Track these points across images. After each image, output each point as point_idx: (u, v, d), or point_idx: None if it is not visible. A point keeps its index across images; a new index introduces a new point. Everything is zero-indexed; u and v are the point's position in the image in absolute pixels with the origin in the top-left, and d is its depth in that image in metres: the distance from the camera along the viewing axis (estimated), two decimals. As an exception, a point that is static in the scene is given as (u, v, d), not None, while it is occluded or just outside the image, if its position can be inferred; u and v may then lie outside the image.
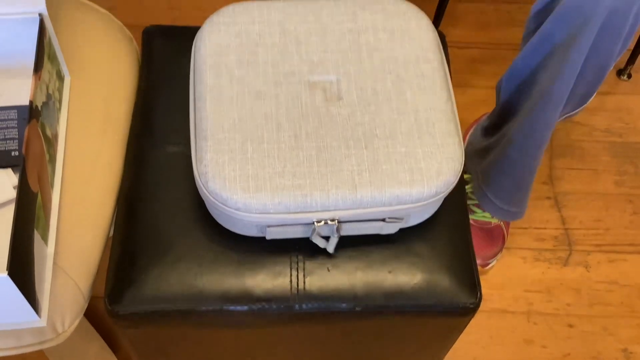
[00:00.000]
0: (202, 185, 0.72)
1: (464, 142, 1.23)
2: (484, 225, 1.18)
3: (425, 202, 0.73)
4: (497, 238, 1.18)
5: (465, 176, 1.19)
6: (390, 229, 0.76)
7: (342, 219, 0.73)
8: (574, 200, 1.28)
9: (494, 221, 1.18)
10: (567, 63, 0.84)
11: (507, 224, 1.21)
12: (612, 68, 0.89)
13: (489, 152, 1.06)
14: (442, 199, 0.75)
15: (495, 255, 1.18)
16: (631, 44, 1.41)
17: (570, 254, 1.23)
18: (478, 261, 1.16)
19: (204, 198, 0.74)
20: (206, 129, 0.73)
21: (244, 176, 0.70)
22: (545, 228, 1.25)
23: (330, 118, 0.74)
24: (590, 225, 1.26)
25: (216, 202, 0.71)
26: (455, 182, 0.73)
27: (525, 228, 1.24)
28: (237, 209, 0.70)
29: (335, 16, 0.81)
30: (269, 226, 0.73)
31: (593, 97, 0.95)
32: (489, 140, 1.07)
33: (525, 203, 1.12)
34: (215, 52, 0.78)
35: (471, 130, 1.24)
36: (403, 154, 0.72)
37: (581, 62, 0.83)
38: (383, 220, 0.75)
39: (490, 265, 1.19)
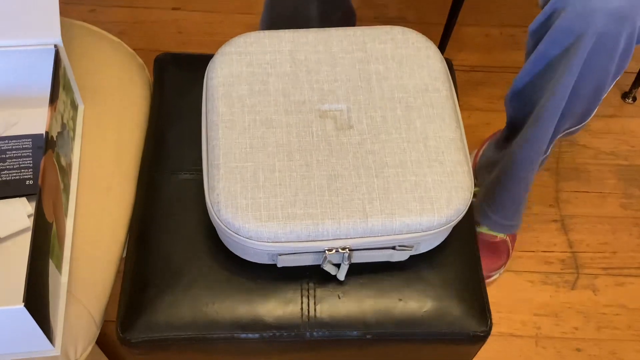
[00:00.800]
0: (214, 214, 0.72)
1: (477, 157, 1.25)
2: (490, 239, 1.18)
3: (435, 231, 0.73)
4: (502, 252, 1.19)
5: (475, 189, 1.21)
6: (401, 256, 0.77)
7: (353, 247, 0.73)
8: (580, 224, 1.29)
9: (500, 236, 1.18)
10: (559, 82, 0.86)
11: (513, 239, 1.22)
12: (611, 87, 0.91)
13: (495, 166, 1.08)
14: (452, 227, 0.76)
15: (498, 268, 1.19)
16: (636, 67, 1.42)
17: (577, 278, 1.23)
18: None
19: (216, 226, 0.74)
20: (218, 158, 0.74)
21: (255, 205, 0.71)
22: (552, 251, 1.25)
23: (341, 146, 0.75)
24: (597, 248, 1.26)
25: (228, 230, 0.72)
26: (465, 210, 0.74)
27: (533, 251, 1.25)
28: (249, 238, 0.71)
29: (345, 46, 0.82)
30: (280, 254, 0.74)
31: (593, 114, 0.96)
32: (497, 155, 1.08)
33: (519, 216, 1.13)
34: (227, 82, 0.79)
35: (485, 145, 1.26)
36: (413, 183, 0.73)
37: (573, 82, 0.85)
38: (393, 248, 0.75)
39: (492, 278, 1.19)
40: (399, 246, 0.75)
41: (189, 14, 1.50)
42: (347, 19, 1.18)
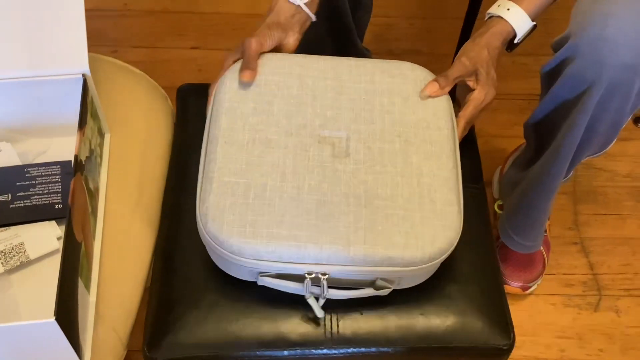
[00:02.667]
0: (201, 226, 0.73)
1: (502, 172, 1.27)
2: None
3: (417, 267, 0.72)
4: (537, 262, 1.20)
5: (499, 202, 1.23)
6: (381, 293, 0.76)
7: (333, 275, 0.73)
8: (600, 246, 1.28)
9: None
10: (573, 122, 0.87)
11: (548, 248, 1.23)
12: (629, 119, 0.91)
13: (516, 186, 1.10)
14: (437, 266, 0.75)
15: (536, 279, 1.19)
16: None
17: (600, 299, 1.22)
18: (519, 284, 1.18)
19: (202, 238, 0.74)
20: (213, 171, 0.75)
21: (242, 221, 0.71)
22: (573, 274, 1.25)
23: (334, 173, 0.75)
24: (619, 270, 1.26)
25: (213, 243, 0.72)
26: (450, 250, 0.73)
27: (554, 274, 1.24)
28: (232, 252, 0.72)
29: (354, 76, 0.83)
30: (261, 273, 0.74)
31: (613, 143, 0.98)
32: (519, 175, 1.10)
33: (539, 238, 1.15)
34: (233, 98, 0.80)
35: (509, 161, 1.27)
36: (401, 217, 0.73)
37: (586, 121, 0.86)
38: (373, 283, 0.75)
39: (530, 289, 1.19)
40: (381, 279, 0.74)
41: (208, 52, 1.55)
42: None
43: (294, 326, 0.78)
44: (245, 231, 0.71)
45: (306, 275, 0.72)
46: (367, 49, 1.22)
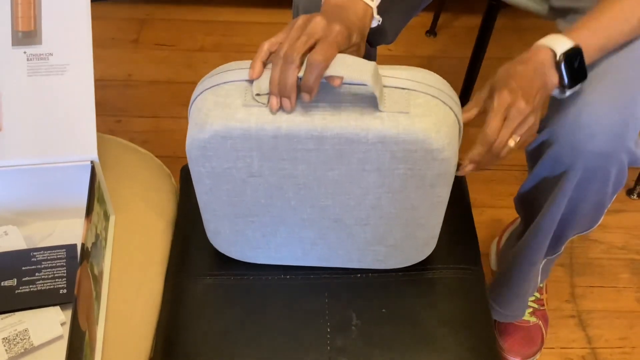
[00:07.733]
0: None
1: (499, 244, 1.29)
2: (522, 323, 1.20)
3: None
4: (535, 337, 1.20)
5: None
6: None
7: None
8: (598, 319, 1.29)
9: (532, 320, 1.20)
10: (552, 201, 0.89)
11: (546, 322, 1.23)
12: (616, 195, 0.93)
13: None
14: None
15: (534, 353, 1.19)
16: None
17: (598, 374, 1.22)
18: (518, 359, 1.18)
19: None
20: None
21: None
22: (571, 347, 1.25)
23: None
24: (617, 343, 1.26)
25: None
26: None
27: (552, 348, 1.25)
28: None
29: None
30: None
31: (599, 222, 0.99)
32: (510, 250, 1.11)
33: (521, 308, 1.16)
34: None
35: (506, 233, 1.30)
36: None
37: (565, 202, 0.88)
38: None
39: None
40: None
41: (209, 121, 1.57)
42: None
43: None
44: None
45: None
46: None
